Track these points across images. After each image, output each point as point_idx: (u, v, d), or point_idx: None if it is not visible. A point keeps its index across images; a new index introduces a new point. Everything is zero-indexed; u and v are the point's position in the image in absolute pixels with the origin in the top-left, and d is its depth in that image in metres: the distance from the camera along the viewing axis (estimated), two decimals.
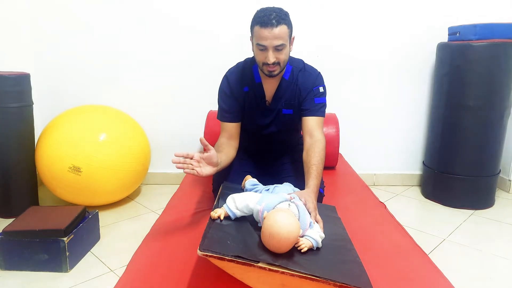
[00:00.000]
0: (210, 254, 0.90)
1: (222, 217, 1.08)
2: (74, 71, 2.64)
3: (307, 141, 1.47)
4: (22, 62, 2.50)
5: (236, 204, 1.11)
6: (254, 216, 1.11)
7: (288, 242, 0.96)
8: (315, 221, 1.14)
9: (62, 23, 2.57)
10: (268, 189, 1.28)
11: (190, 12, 2.57)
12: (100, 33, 2.59)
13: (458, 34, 2.35)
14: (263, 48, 1.39)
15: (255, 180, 1.40)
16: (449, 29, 2.46)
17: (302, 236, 1.04)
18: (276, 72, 1.45)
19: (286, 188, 1.29)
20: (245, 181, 1.42)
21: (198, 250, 0.90)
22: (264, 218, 1.01)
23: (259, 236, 1.02)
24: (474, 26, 2.24)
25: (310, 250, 1.02)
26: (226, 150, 1.52)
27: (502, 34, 2.22)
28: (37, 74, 2.58)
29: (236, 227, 1.08)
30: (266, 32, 1.35)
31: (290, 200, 1.11)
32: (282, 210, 1.04)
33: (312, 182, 1.32)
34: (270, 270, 0.89)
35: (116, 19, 2.57)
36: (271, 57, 1.39)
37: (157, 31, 2.59)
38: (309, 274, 0.89)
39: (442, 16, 2.59)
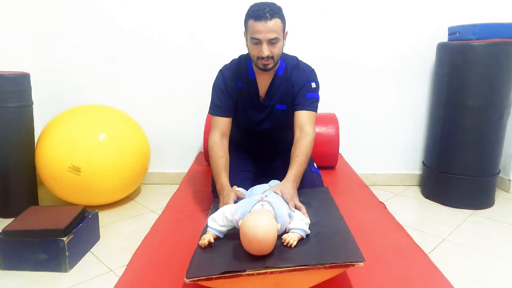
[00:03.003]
0: (197, 278, 0.90)
1: (212, 240, 1.06)
2: (74, 71, 2.64)
3: (297, 134, 1.48)
4: (22, 62, 2.50)
5: (218, 222, 1.10)
6: (236, 227, 1.10)
7: (268, 242, 0.96)
8: (296, 208, 1.14)
9: (62, 23, 2.57)
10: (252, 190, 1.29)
11: (190, 12, 2.57)
12: (100, 33, 2.59)
13: (458, 34, 2.35)
14: (257, 42, 1.40)
15: (240, 189, 1.38)
16: (449, 29, 2.46)
17: (287, 232, 1.04)
18: (270, 66, 1.46)
19: (262, 187, 1.29)
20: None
21: (185, 278, 0.91)
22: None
23: None
24: (474, 26, 2.24)
25: (301, 240, 1.03)
26: (226, 155, 1.50)
27: (502, 34, 2.22)
28: (37, 74, 2.57)
29: (222, 242, 1.07)
30: (260, 25, 1.36)
31: (262, 200, 1.11)
32: (254, 213, 1.03)
33: (291, 172, 1.33)
34: (258, 274, 0.89)
35: (116, 19, 2.57)
36: (265, 50, 1.39)
37: (157, 31, 2.59)
38: (297, 265, 0.89)
39: (442, 16, 2.59)
